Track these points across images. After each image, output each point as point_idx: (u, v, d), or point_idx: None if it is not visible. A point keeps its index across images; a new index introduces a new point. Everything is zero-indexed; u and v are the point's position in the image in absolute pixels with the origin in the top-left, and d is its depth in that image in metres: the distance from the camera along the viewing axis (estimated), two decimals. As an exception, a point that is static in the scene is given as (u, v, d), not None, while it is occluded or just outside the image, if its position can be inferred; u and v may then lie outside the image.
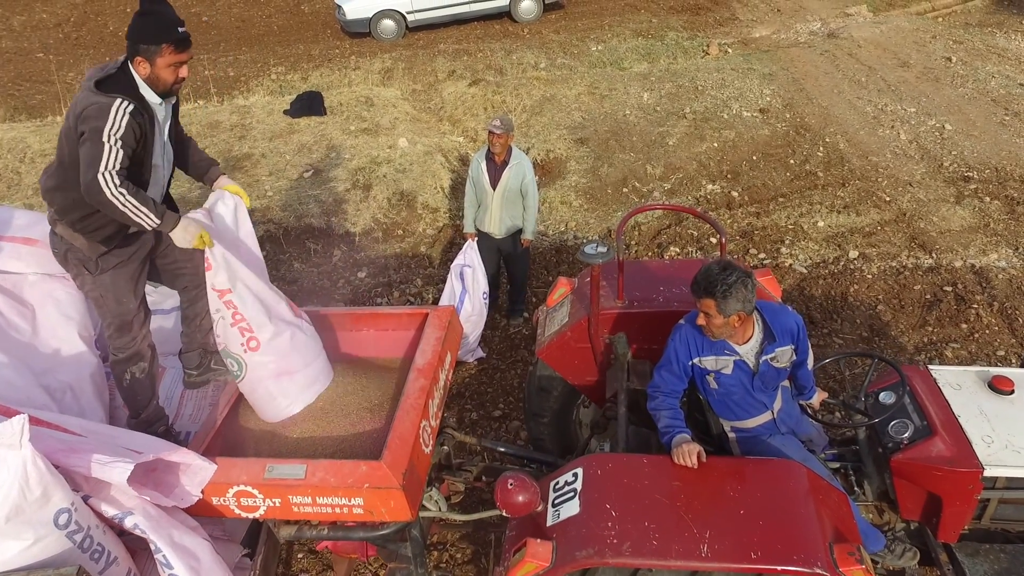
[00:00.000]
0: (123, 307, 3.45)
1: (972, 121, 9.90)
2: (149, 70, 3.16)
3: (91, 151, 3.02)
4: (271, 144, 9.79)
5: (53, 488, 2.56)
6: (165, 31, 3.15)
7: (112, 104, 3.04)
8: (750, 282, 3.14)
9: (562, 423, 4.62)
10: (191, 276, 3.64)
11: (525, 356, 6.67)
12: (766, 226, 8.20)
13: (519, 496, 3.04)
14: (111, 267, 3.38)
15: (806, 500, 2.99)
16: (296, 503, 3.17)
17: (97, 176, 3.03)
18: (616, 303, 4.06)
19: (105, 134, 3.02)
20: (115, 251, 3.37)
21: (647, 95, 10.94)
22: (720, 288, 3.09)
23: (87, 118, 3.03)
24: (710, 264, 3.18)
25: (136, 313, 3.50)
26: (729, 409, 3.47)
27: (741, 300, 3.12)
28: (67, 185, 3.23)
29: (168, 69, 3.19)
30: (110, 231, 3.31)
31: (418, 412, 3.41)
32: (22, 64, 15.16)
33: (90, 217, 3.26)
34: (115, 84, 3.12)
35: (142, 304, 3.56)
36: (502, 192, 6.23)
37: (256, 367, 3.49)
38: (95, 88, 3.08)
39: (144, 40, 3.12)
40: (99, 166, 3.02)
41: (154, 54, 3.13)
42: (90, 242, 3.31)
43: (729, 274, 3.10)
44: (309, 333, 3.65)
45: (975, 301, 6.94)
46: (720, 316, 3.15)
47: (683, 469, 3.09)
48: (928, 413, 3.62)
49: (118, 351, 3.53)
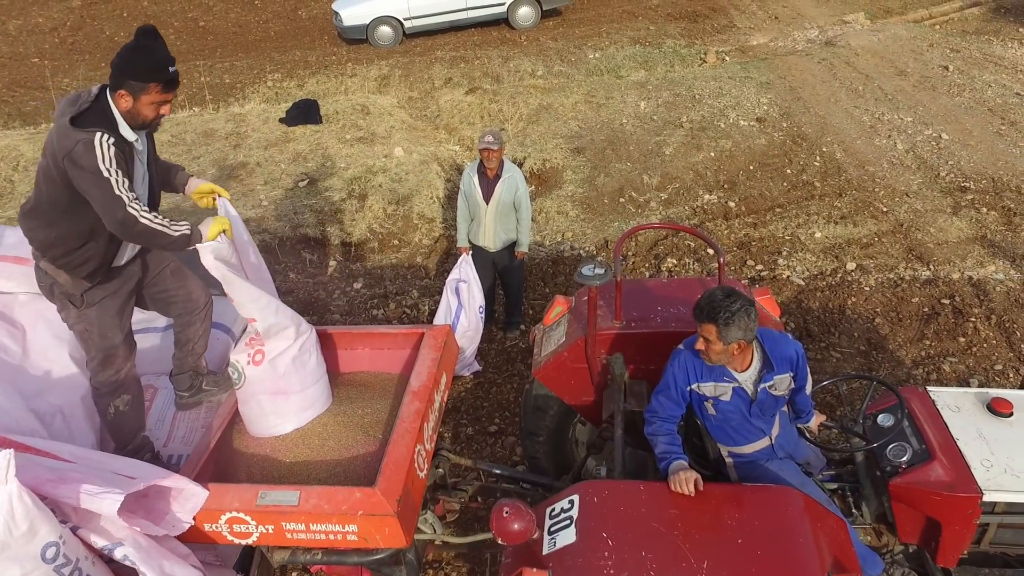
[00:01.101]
0: (107, 341, 3.42)
1: (969, 131, 9.89)
2: (131, 105, 3.11)
3: (101, 192, 3.00)
4: (266, 153, 9.76)
5: (40, 522, 2.52)
6: (156, 70, 3.10)
7: (93, 139, 2.98)
8: (753, 311, 3.12)
9: (558, 442, 4.58)
10: (183, 303, 3.64)
11: (521, 370, 6.63)
12: (763, 237, 8.18)
13: (514, 524, 3.00)
14: (96, 301, 3.35)
15: (804, 528, 2.95)
16: (289, 529, 3.14)
17: (127, 210, 3.03)
18: (613, 323, 4.03)
19: (103, 170, 2.98)
20: (100, 286, 3.35)
21: (644, 104, 10.92)
22: (723, 315, 3.07)
23: (75, 162, 2.98)
24: (714, 290, 3.16)
25: (121, 346, 3.47)
26: (727, 435, 3.44)
27: (743, 328, 3.10)
28: (47, 223, 3.19)
29: (151, 107, 3.15)
30: (93, 266, 3.28)
31: (413, 436, 3.38)
32: (17, 70, 15.11)
33: (72, 253, 3.22)
34: (90, 118, 3.06)
35: (127, 337, 3.52)
36: (495, 206, 6.21)
37: (254, 381, 3.49)
38: (71, 125, 3.01)
39: (132, 76, 3.06)
40: (121, 202, 3.01)
41: (140, 91, 3.08)
42: (74, 279, 3.27)
43: (733, 301, 3.08)
44: (315, 357, 3.64)
45: (973, 314, 6.92)
46: (720, 343, 3.13)
47: (680, 497, 3.05)
48: (927, 436, 3.60)
49: (101, 386, 3.50)
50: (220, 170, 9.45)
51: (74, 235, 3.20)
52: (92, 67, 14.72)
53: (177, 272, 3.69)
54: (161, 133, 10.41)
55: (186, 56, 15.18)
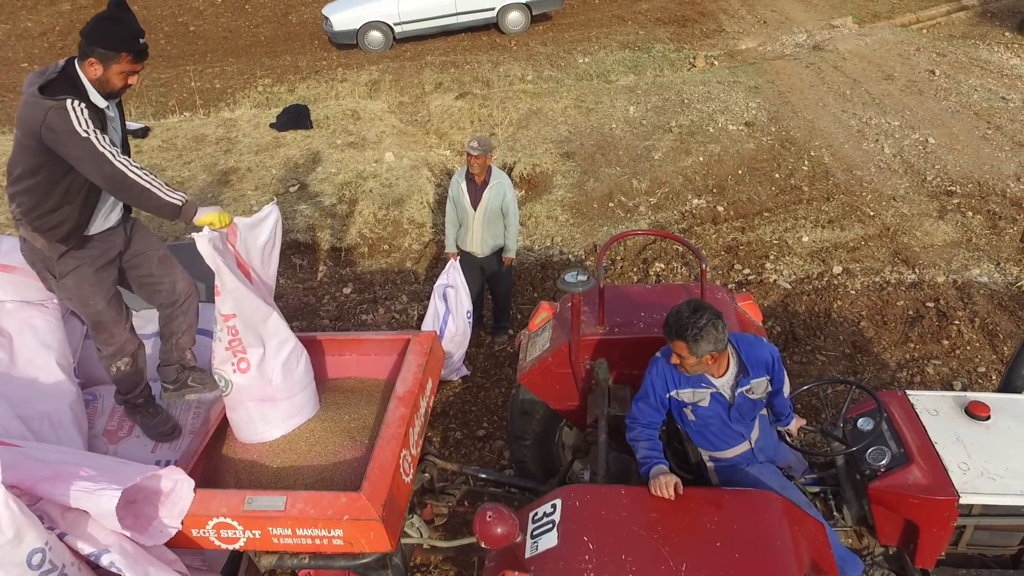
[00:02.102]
0: (89, 309, 3.54)
1: (955, 135, 9.98)
2: (100, 72, 3.20)
3: (85, 152, 3.10)
4: (257, 158, 9.78)
5: (26, 528, 2.54)
6: (127, 40, 3.19)
7: (65, 104, 3.08)
8: (720, 323, 3.18)
9: (545, 445, 4.63)
10: (167, 293, 3.73)
11: (509, 374, 6.67)
12: (751, 241, 8.24)
13: (497, 528, 3.04)
14: (69, 271, 3.45)
15: (782, 531, 3.00)
16: (276, 535, 3.18)
17: (115, 166, 3.11)
18: (597, 329, 4.08)
19: (81, 132, 3.08)
20: (72, 253, 3.43)
21: (633, 108, 10.99)
22: (691, 332, 3.14)
23: (52, 128, 3.08)
24: (680, 306, 3.22)
25: (105, 312, 3.57)
26: (707, 440, 3.49)
27: (712, 341, 3.16)
28: (26, 188, 3.30)
29: (120, 76, 3.24)
30: (67, 229, 3.38)
31: (398, 442, 3.42)
32: (6, 75, 15.09)
33: (47, 216, 3.33)
34: (60, 87, 3.15)
35: (112, 305, 3.61)
36: (483, 212, 6.25)
37: (240, 389, 3.52)
38: (39, 94, 3.11)
39: (103, 44, 3.16)
40: (106, 157, 3.11)
41: (111, 60, 3.18)
42: (49, 242, 3.38)
43: (700, 317, 3.14)
44: (302, 364, 3.67)
45: (957, 317, 6.99)
46: (693, 357, 3.20)
47: (661, 501, 3.10)
48: (905, 440, 3.65)
49: (101, 347, 3.64)
50: (211, 175, 9.46)
51: (50, 198, 3.31)
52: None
53: (164, 260, 3.78)
54: (152, 138, 10.44)
55: (176, 61, 15.19)
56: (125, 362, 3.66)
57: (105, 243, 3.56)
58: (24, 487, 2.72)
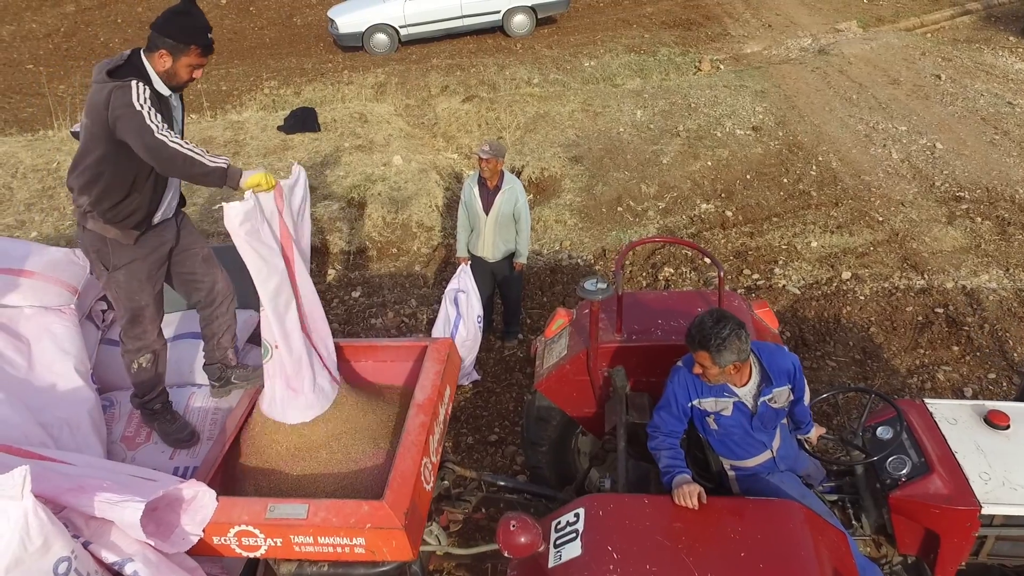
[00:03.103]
0: (134, 303, 3.60)
1: (963, 140, 9.99)
2: (169, 65, 3.29)
3: (133, 124, 3.16)
4: (265, 161, 9.77)
5: (54, 537, 2.54)
6: (198, 34, 3.29)
7: (130, 84, 3.17)
8: (743, 333, 3.18)
9: (560, 451, 4.63)
10: (206, 292, 3.80)
11: (520, 379, 6.67)
12: (760, 246, 8.24)
13: (521, 537, 3.04)
14: (124, 263, 3.52)
15: (805, 541, 3.00)
16: (298, 543, 3.17)
17: (156, 136, 3.15)
18: (615, 336, 4.08)
19: (136, 105, 3.15)
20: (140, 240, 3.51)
21: (640, 112, 10.99)
22: (714, 342, 3.14)
23: (113, 105, 3.16)
24: (703, 316, 3.22)
25: (147, 308, 3.64)
26: (729, 449, 3.49)
27: (735, 351, 3.16)
28: (93, 178, 3.37)
29: (187, 68, 3.33)
30: (139, 216, 3.48)
31: (419, 449, 3.42)
32: (12, 76, 15.09)
33: (119, 205, 3.40)
34: (126, 71, 3.24)
35: (156, 302, 3.69)
36: (495, 217, 6.25)
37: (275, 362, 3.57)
38: (107, 77, 3.21)
39: (175, 36, 3.25)
40: (152, 130, 3.15)
41: (180, 52, 3.27)
42: (123, 231, 3.45)
43: (723, 327, 3.14)
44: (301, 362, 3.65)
45: (966, 323, 6.99)
46: (715, 367, 3.20)
47: (684, 510, 3.10)
48: (925, 449, 3.65)
49: (128, 341, 3.68)
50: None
51: (119, 187, 3.39)
52: (87, 73, 14.62)
53: (208, 259, 3.86)
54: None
55: (182, 62, 15.16)
56: (147, 359, 3.70)
57: (160, 236, 3.63)
58: (48, 497, 2.72)
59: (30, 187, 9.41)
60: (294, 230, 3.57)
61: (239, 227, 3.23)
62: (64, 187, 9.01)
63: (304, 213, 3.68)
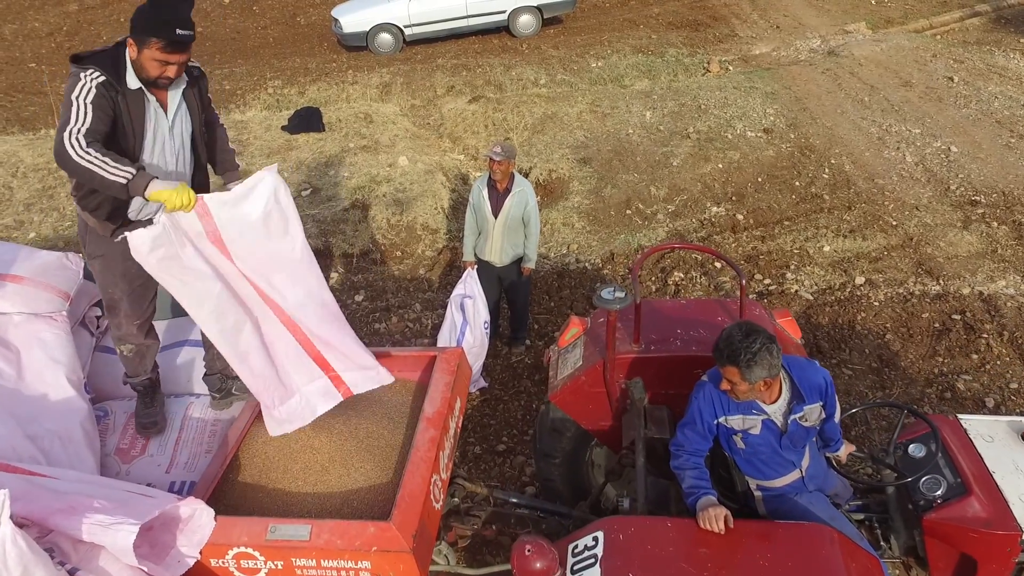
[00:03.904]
0: (107, 293, 3.55)
1: (978, 143, 9.80)
2: (135, 55, 3.14)
3: (62, 116, 3.01)
4: (269, 161, 9.61)
5: (34, 566, 2.37)
6: (161, 27, 3.09)
7: (81, 72, 3.02)
8: (775, 347, 3.00)
9: (574, 464, 4.45)
10: None
11: (528, 386, 6.50)
12: (771, 250, 8.06)
13: (537, 562, 2.87)
14: (98, 255, 3.44)
15: (838, 568, 2.82)
16: (300, 566, 3.01)
17: (62, 138, 2.95)
18: (632, 347, 3.90)
19: (73, 99, 2.99)
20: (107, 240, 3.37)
21: (649, 114, 10.82)
22: (744, 357, 2.95)
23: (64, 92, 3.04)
24: (731, 329, 3.03)
25: (121, 304, 3.54)
26: (756, 468, 3.31)
27: (766, 367, 2.97)
28: None
29: (152, 63, 3.14)
30: (108, 209, 3.33)
31: (428, 466, 3.24)
32: (14, 74, 14.95)
33: (88, 196, 3.29)
34: (93, 59, 3.11)
35: (131, 300, 3.55)
36: (504, 220, 6.07)
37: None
38: (71, 61, 3.11)
39: (138, 27, 3.11)
40: (66, 128, 2.97)
41: (142, 44, 3.11)
42: (99, 221, 3.34)
43: (753, 341, 2.95)
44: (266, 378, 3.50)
45: (984, 330, 6.81)
46: (745, 383, 3.01)
47: (710, 535, 2.93)
48: (961, 469, 3.47)
49: (111, 327, 3.66)
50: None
51: None
52: (89, 72, 14.55)
53: None
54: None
55: (184, 62, 15.02)
56: (129, 348, 3.64)
57: None
58: (35, 519, 2.55)
59: (30, 187, 9.26)
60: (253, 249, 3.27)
61: (148, 255, 3.04)
62: (64, 188, 8.86)
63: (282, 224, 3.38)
